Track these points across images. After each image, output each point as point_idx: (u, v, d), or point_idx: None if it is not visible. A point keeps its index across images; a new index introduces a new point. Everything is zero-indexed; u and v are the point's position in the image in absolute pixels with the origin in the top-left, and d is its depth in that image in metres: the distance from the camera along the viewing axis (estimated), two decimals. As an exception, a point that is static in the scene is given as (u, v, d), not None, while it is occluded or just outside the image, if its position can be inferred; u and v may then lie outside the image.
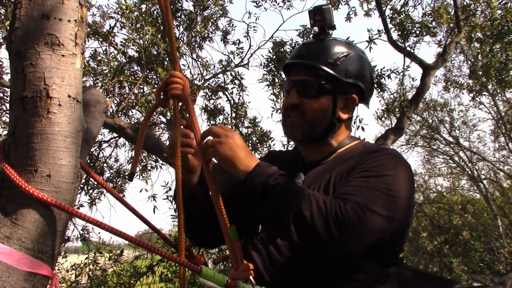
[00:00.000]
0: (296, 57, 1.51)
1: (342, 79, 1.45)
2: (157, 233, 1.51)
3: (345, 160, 1.43)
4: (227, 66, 6.26)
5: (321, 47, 1.48)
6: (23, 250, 0.98)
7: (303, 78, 1.46)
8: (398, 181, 1.29)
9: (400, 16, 5.96)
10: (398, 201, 1.25)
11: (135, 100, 5.02)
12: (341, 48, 1.48)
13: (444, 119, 14.57)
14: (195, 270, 1.11)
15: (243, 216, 1.44)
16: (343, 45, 1.50)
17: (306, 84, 1.45)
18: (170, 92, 1.26)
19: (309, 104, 1.45)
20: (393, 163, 1.34)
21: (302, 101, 1.45)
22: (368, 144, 1.55)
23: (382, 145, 5.12)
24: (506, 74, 5.69)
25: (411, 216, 1.37)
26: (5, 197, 1.01)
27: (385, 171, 1.29)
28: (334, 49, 1.47)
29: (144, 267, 6.03)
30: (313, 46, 1.51)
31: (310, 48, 1.50)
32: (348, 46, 1.52)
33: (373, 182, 1.26)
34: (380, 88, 5.76)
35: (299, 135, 1.47)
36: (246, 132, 6.17)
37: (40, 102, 1.03)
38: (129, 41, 5.07)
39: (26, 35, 1.06)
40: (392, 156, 1.38)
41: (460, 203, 13.65)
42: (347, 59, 1.47)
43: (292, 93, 1.46)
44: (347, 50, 1.48)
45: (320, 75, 1.44)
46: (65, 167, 1.05)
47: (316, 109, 1.45)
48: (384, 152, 1.41)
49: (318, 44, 1.50)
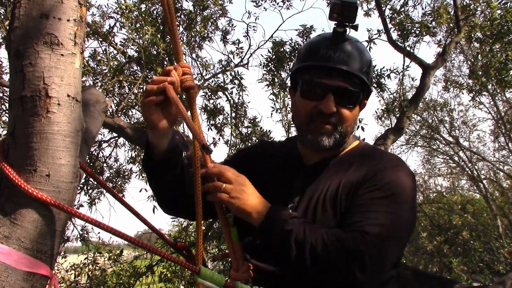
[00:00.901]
0: (331, 59, 1.36)
1: (370, 87, 1.43)
2: (157, 233, 1.51)
3: (348, 166, 1.40)
4: (226, 66, 6.26)
5: (354, 52, 1.38)
6: (22, 250, 0.97)
7: (343, 86, 1.35)
8: (407, 197, 1.29)
9: (399, 16, 5.96)
10: (409, 220, 1.28)
11: (134, 100, 5.02)
12: (366, 54, 1.43)
13: (444, 119, 14.58)
14: (193, 271, 1.10)
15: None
16: (365, 50, 1.45)
17: (347, 92, 1.36)
18: (185, 83, 1.22)
19: (346, 114, 1.38)
20: (401, 176, 1.33)
21: (339, 109, 1.37)
22: (367, 146, 1.53)
23: (382, 145, 5.12)
24: (506, 74, 5.69)
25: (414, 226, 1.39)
26: (4, 197, 1.01)
27: (395, 189, 1.28)
28: (365, 55, 1.41)
29: (144, 267, 6.03)
30: (346, 49, 1.38)
31: (346, 52, 1.37)
32: (366, 49, 1.47)
33: (386, 204, 1.25)
34: (380, 88, 5.76)
35: (330, 144, 1.39)
36: (246, 132, 6.18)
37: (39, 102, 1.03)
38: (129, 41, 5.06)
39: (25, 35, 1.06)
40: (397, 167, 1.36)
41: (459, 203, 13.66)
42: (371, 65, 1.43)
43: (329, 99, 1.35)
44: (369, 56, 1.44)
45: (355, 83, 1.37)
46: (64, 167, 1.05)
47: (351, 119, 1.40)
48: (390, 162, 1.38)
49: (348, 47, 1.38)
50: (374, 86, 5.76)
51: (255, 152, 1.64)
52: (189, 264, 1.12)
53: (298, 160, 1.51)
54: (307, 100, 1.39)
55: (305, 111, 1.40)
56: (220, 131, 6.28)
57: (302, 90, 1.41)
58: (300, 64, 1.44)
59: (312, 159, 1.47)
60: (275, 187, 1.44)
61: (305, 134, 1.42)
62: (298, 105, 1.44)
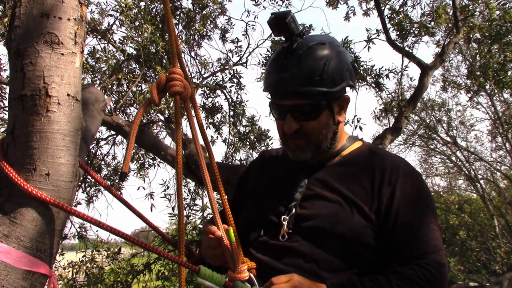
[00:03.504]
0: (279, 84, 1.37)
1: (333, 91, 1.37)
2: (156, 231, 1.51)
3: (357, 168, 1.42)
4: (225, 65, 6.26)
5: (301, 64, 1.35)
6: (21, 249, 0.98)
7: (296, 103, 1.36)
8: (433, 202, 1.40)
9: (398, 16, 5.96)
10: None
11: (133, 98, 5.00)
12: (319, 55, 1.36)
13: (442, 119, 14.62)
14: (193, 270, 1.11)
15: (241, 221, 1.44)
16: (319, 49, 1.37)
17: (302, 108, 1.37)
18: (171, 89, 1.21)
19: (310, 126, 1.39)
20: (422, 181, 1.43)
21: (302, 125, 1.38)
22: (373, 148, 1.53)
23: (380, 145, 5.13)
24: (504, 74, 5.70)
25: None
26: (4, 196, 1.01)
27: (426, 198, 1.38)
28: (314, 61, 1.35)
29: (141, 265, 6.03)
30: (292, 65, 1.35)
31: (290, 70, 1.35)
32: (323, 47, 1.39)
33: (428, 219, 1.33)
34: (379, 87, 5.76)
35: (307, 156, 1.42)
36: (244, 131, 6.18)
37: (39, 101, 1.03)
38: (128, 38, 5.06)
39: (25, 34, 1.06)
40: (414, 170, 1.45)
41: (457, 203, 13.69)
42: (329, 66, 1.35)
43: (288, 119, 1.38)
44: (326, 54, 1.36)
45: (311, 95, 1.35)
46: (64, 166, 1.05)
47: (318, 129, 1.40)
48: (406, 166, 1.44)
49: (295, 60, 1.36)
50: (373, 86, 5.77)
51: (255, 165, 1.67)
52: (189, 263, 1.13)
53: (302, 162, 1.51)
54: (278, 120, 1.45)
55: (280, 131, 1.46)
56: (218, 129, 6.28)
57: (272, 112, 1.47)
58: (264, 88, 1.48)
59: (313, 160, 1.48)
60: (278, 187, 1.47)
61: (287, 150, 1.48)
62: (276, 126, 1.50)
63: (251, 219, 1.45)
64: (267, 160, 1.65)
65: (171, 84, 1.21)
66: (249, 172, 1.67)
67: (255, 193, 1.53)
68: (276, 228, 1.36)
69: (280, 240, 1.34)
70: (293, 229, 1.34)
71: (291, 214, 1.36)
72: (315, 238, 1.31)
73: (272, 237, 1.36)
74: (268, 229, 1.38)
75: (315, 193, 1.39)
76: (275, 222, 1.37)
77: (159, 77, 1.23)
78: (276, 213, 1.39)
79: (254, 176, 1.61)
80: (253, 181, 1.60)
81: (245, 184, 1.63)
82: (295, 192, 1.41)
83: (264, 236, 1.37)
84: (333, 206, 1.34)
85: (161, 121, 5.70)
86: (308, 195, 1.39)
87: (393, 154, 1.62)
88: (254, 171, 1.64)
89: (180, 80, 1.22)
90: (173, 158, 4.98)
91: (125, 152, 1.17)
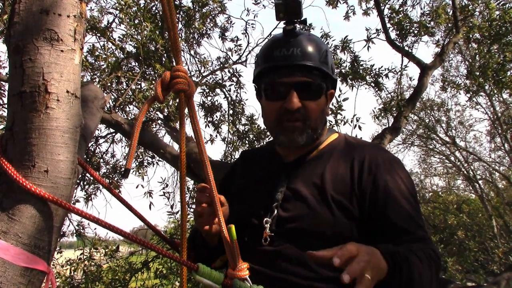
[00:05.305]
0: (286, 58, 1.37)
1: (332, 76, 1.43)
2: (153, 230, 1.50)
3: (335, 160, 1.41)
4: (225, 63, 6.25)
5: (308, 45, 1.38)
6: (19, 246, 0.97)
7: (304, 80, 1.36)
8: (415, 188, 1.40)
9: (398, 16, 5.97)
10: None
11: (132, 96, 5.00)
12: (322, 44, 1.43)
13: (441, 119, 14.63)
14: (192, 268, 1.11)
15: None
16: (320, 41, 1.45)
17: (308, 85, 1.37)
18: (176, 86, 1.21)
19: (312, 106, 1.38)
20: (402, 166, 1.42)
21: (304, 104, 1.37)
22: (349, 138, 1.53)
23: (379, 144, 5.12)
24: (503, 75, 5.71)
25: None
26: (2, 192, 1.01)
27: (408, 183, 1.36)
28: (320, 46, 1.41)
29: (139, 263, 6.02)
30: (299, 42, 1.38)
31: (299, 45, 1.37)
32: (321, 40, 1.47)
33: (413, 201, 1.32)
34: (378, 87, 5.76)
35: (303, 140, 1.40)
36: (243, 130, 6.18)
37: (38, 97, 1.03)
38: (127, 36, 5.05)
39: (25, 30, 1.05)
40: (393, 156, 1.45)
41: (455, 203, 13.71)
42: (328, 54, 1.42)
43: (292, 96, 1.35)
44: (325, 46, 1.44)
45: (316, 75, 1.38)
46: (62, 163, 1.05)
47: (318, 111, 1.40)
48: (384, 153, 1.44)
49: (302, 42, 1.38)
50: (372, 85, 5.77)
51: (237, 165, 1.67)
52: (187, 261, 1.12)
53: (279, 160, 1.52)
54: (272, 101, 1.41)
55: (273, 112, 1.41)
56: (218, 128, 6.28)
57: (266, 93, 1.43)
58: (259, 69, 1.45)
59: (291, 157, 1.48)
60: (260, 188, 1.46)
61: (278, 135, 1.43)
62: (265, 109, 1.46)
63: (235, 222, 1.44)
64: (248, 159, 1.64)
65: (176, 81, 1.21)
66: (233, 172, 1.65)
67: (239, 194, 1.51)
68: (258, 231, 1.35)
69: (263, 244, 1.32)
70: (276, 231, 1.32)
71: (273, 216, 1.34)
72: (298, 240, 1.29)
73: (255, 241, 1.34)
74: (251, 232, 1.36)
75: (295, 192, 1.37)
76: (257, 225, 1.36)
77: (163, 74, 1.23)
78: (258, 216, 1.37)
79: (238, 176, 1.60)
80: (237, 181, 1.58)
81: (231, 184, 1.60)
82: (275, 192, 1.39)
83: (248, 240, 1.35)
84: (314, 205, 1.31)
85: (160, 119, 5.70)
86: (289, 195, 1.37)
87: (370, 142, 1.62)
88: (238, 171, 1.63)
89: (185, 77, 1.22)
90: (172, 156, 4.98)
91: (129, 148, 1.17)
